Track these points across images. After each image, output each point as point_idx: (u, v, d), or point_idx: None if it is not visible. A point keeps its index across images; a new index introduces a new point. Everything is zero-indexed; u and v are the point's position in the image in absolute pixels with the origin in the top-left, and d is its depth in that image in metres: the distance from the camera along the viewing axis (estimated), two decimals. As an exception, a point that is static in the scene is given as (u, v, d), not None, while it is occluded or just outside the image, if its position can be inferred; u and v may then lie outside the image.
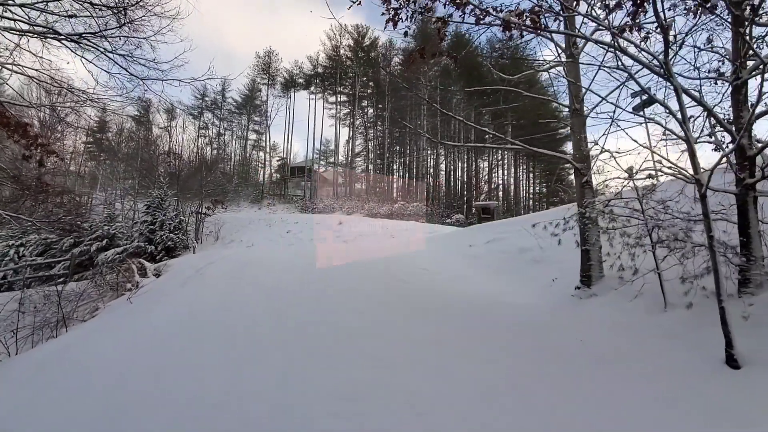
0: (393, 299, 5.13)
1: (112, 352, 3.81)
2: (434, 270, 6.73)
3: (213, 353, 3.52)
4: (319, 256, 7.54)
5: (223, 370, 3.17)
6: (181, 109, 41.69)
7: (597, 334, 3.77)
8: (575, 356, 3.37)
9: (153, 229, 14.27)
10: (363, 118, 45.86)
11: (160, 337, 4.04)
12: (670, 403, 2.55)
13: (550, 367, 3.20)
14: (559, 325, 4.10)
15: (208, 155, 45.80)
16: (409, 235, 18.53)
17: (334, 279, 5.91)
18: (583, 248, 5.00)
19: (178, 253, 15.13)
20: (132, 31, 8.14)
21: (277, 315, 4.48)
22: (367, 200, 34.88)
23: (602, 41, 3.50)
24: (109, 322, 4.82)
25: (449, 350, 3.58)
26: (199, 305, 4.92)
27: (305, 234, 21.22)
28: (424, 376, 3.06)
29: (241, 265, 6.70)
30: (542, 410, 2.57)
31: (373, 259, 7.65)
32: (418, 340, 3.78)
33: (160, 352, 3.67)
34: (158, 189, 15.41)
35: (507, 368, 3.21)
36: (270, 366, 3.22)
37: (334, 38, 42.51)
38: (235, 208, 38.44)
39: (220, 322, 4.33)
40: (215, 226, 24.40)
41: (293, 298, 5.04)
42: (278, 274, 6.05)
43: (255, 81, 46.75)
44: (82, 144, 40.84)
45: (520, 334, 3.94)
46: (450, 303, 5.05)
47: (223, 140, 50.49)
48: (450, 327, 4.16)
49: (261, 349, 3.60)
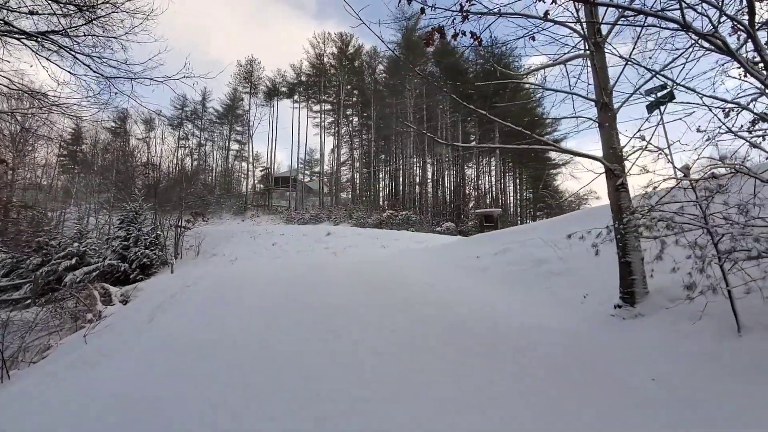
0: (413, 328, 4.35)
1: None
2: (441, 286, 5.99)
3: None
4: (310, 272, 6.72)
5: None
6: (156, 114, 40.33)
7: (666, 369, 3.07)
8: (654, 402, 2.66)
9: (127, 246, 13.17)
10: (348, 126, 45.20)
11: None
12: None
13: (633, 417, 2.47)
14: (614, 357, 3.38)
15: (188, 166, 44.41)
16: (402, 245, 17.79)
17: (335, 305, 5.09)
18: (624, 260, 4.33)
19: (155, 270, 14.03)
20: (101, 29, 7.36)
21: (278, 383, 3.27)
22: (354, 210, 34.05)
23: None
24: (43, 381, 3.86)
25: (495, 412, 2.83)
26: (162, 363, 3.82)
27: (292, 246, 20.25)
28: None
29: (222, 288, 5.78)
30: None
31: (372, 275, 6.88)
32: (457, 397, 3.00)
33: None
34: (133, 202, 14.30)
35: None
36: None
37: (318, 46, 41.94)
38: (217, 220, 37.18)
39: (190, 399, 3.11)
40: (196, 239, 23.22)
41: (296, 346, 3.99)
42: (268, 300, 5.19)
43: (237, 90, 45.78)
44: (55, 156, 39.02)
45: (570, 370, 3.21)
46: (471, 328, 4.31)
47: (204, 151, 49.17)
48: (479, 366, 3.41)
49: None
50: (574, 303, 4.85)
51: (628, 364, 3.21)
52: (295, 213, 37.11)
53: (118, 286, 12.33)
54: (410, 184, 38.06)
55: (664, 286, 4.25)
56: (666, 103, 7.56)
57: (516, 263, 6.50)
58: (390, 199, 36.77)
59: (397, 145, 39.13)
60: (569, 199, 34.51)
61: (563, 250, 6.08)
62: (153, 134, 43.64)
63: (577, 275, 5.46)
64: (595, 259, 5.58)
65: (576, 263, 5.70)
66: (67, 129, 35.70)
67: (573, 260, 5.78)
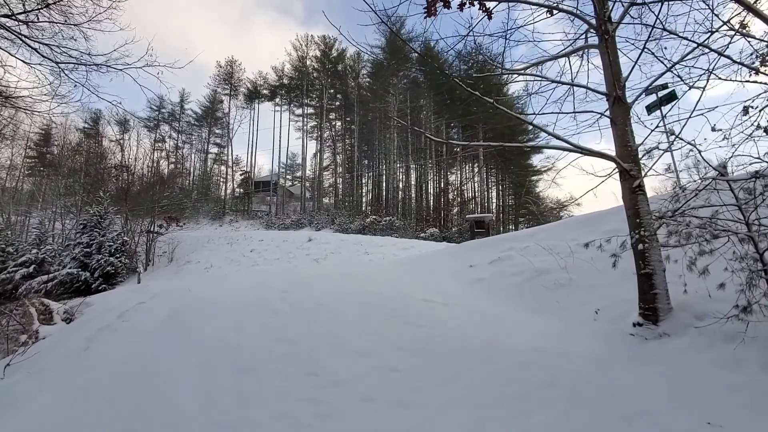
0: (405, 350, 3.72)
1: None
2: (437, 300, 5.40)
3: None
4: (292, 291, 6.06)
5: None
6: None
7: (716, 407, 2.53)
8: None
9: (89, 253, 12.12)
10: (331, 131, 44.51)
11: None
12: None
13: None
14: (649, 391, 2.83)
15: (164, 169, 42.93)
16: (387, 251, 17.19)
17: (317, 330, 4.39)
18: (644, 272, 3.82)
19: (121, 280, 13.00)
20: (62, 17, 6.59)
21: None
22: (337, 215, 33.30)
23: None
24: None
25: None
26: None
27: (271, 253, 19.41)
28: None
29: (178, 316, 4.79)
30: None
31: (355, 284, 6.25)
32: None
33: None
34: (97, 205, 13.24)
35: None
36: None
37: (301, 48, 41.25)
38: (194, 225, 35.86)
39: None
40: (170, 245, 22.12)
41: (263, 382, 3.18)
42: (243, 339, 4.22)
43: (216, 92, 44.59)
44: (20, 158, 37.01)
45: (605, 410, 2.64)
46: (486, 359, 3.70)
47: (182, 154, 47.68)
48: (508, 417, 2.80)
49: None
50: (585, 319, 4.32)
51: (669, 401, 2.66)
52: (276, 218, 36.13)
53: (78, 297, 11.33)
54: (393, 190, 37.56)
55: (688, 301, 3.76)
56: (668, 104, 7.25)
57: (516, 273, 5.96)
58: (373, 205, 36.17)
59: (380, 150, 38.61)
60: (571, 203, 34.66)
61: (565, 259, 5.59)
62: (128, 136, 41.95)
63: (584, 287, 4.95)
64: (601, 269, 5.11)
65: (580, 274, 5.19)
66: (36, 130, 33.94)
67: (577, 270, 5.28)
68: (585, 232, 6.28)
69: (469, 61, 15.79)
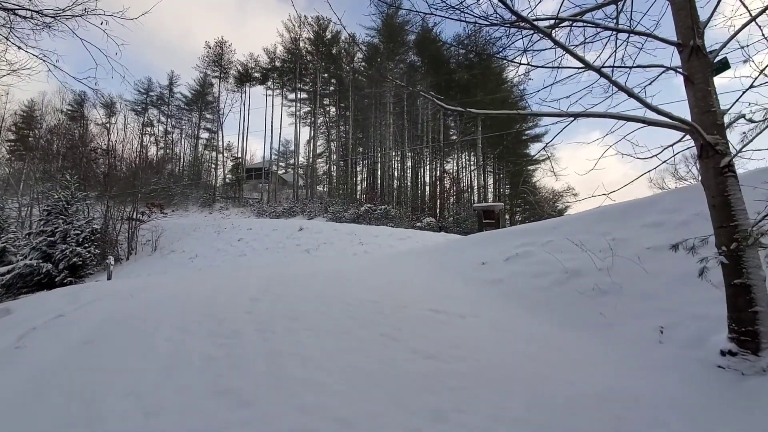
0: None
1: None
2: (449, 310, 4.35)
3: None
4: (264, 282, 5.00)
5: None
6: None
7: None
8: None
9: (53, 242, 10.89)
10: (325, 117, 43.05)
11: None
12: None
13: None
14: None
15: (153, 154, 41.42)
16: (382, 242, 16.18)
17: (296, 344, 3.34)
18: (738, 282, 2.79)
19: (90, 272, 11.83)
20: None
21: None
22: (330, 203, 32.16)
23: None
24: None
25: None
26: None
27: (260, 243, 18.34)
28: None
29: (110, 324, 3.69)
30: None
31: (344, 288, 5.21)
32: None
33: None
34: (63, 189, 11.95)
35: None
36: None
37: (293, 30, 39.53)
38: (183, 212, 34.61)
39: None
40: (153, 234, 20.96)
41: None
42: (168, 350, 3.03)
43: (206, 74, 42.87)
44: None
45: None
46: (530, 420, 2.67)
47: (172, 139, 46.09)
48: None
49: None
50: (645, 341, 3.31)
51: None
52: (267, 206, 34.94)
53: (41, 291, 10.15)
54: (389, 178, 36.37)
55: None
56: (717, 75, 6.19)
57: (539, 274, 4.93)
58: (368, 193, 34.96)
59: (375, 137, 37.28)
60: (609, 193, 33.74)
61: (603, 258, 4.55)
62: (114, 119, 40.22)
63: (634, 295, 3.92)
64: (652, 272, 4.09)
65: (626, 277, 4.17)
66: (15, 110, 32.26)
67: (621, 273, 4.26)
68: (620, 225, 5.27)
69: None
